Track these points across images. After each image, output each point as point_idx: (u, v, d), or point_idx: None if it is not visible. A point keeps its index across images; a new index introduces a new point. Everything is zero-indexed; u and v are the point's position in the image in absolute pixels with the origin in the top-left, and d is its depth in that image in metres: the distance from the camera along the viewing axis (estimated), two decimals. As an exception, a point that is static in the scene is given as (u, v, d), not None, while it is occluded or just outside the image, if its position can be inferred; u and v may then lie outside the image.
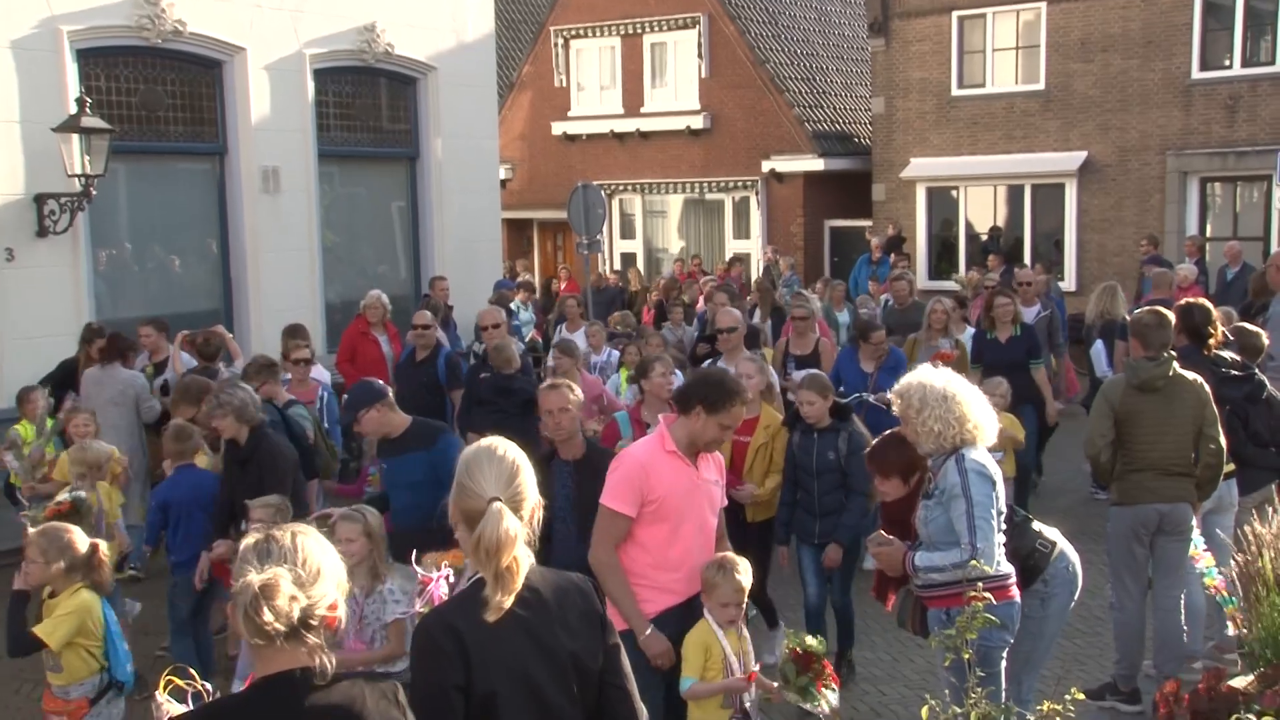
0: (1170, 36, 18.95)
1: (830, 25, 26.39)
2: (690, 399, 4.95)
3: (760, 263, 21.28)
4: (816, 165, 22.85)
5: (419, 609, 4.25)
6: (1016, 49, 20.78)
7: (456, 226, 15.01)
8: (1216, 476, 6.36)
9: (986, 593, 4.11)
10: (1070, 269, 20.14)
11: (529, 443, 3.60)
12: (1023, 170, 20.56)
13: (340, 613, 2.64)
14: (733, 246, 24.23)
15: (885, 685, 7.06)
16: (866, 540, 5.49)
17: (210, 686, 3.10)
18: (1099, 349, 11.50)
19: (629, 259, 25.22)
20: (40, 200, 10.99)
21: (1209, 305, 7.20)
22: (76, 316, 10.97)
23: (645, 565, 4.92)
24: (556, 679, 3.00)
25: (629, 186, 25.35)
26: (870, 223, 21.89)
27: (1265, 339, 7.48)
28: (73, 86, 11.20)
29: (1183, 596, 6.50)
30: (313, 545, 2.65)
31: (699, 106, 24.07)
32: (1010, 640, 4.89)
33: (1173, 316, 6.62)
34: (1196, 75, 18.86)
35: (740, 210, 24.43)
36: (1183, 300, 7.68)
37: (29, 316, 10.91)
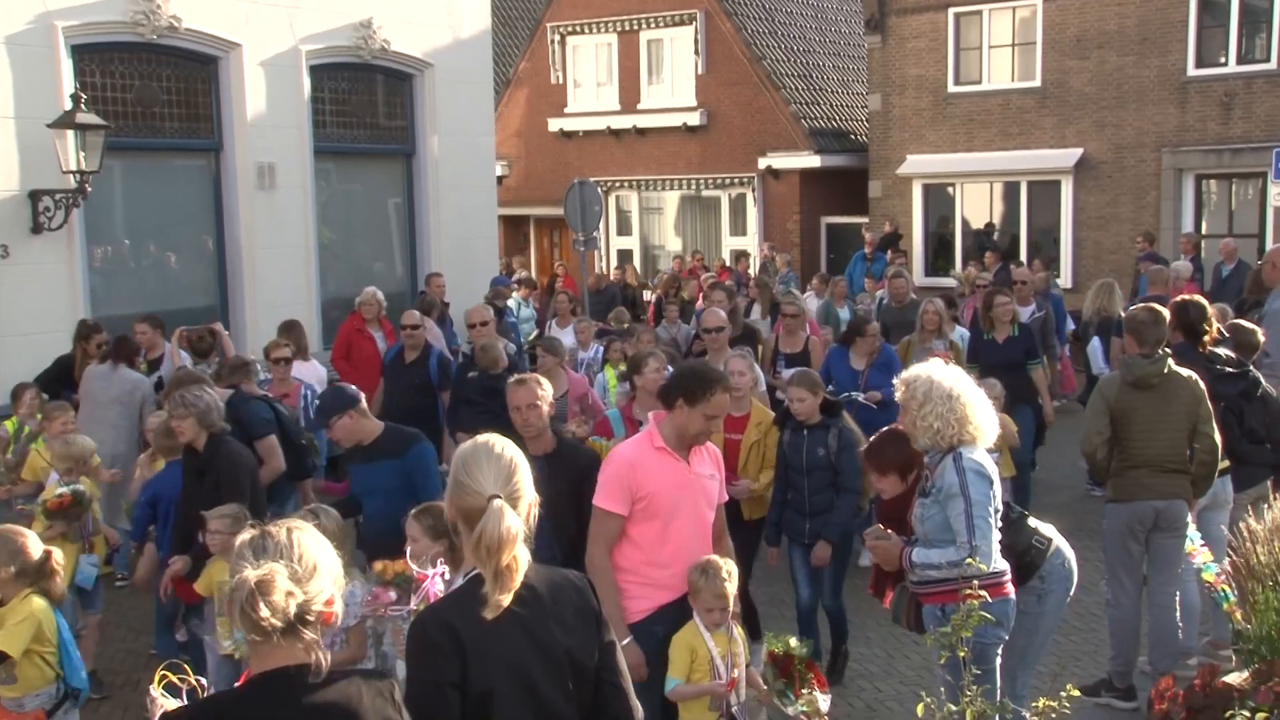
0: (1166, 33, 18.96)
1: (826, 22, 26.39)
2: (672, 394, 4.95)
3: (757, 260, 21.27)
4: (813, 162, 22.85)
5: (414, 606, 4.25)
6: (1013, 46, 20.79)
7: (453, 223, 14.98)
8: (1212, 473, 6.37)
9: (982, 590, 4.12)
10: (1066, 266, 20.15)
11: (518, 443, 3.59)
12: (1019, 167, 20.57)
13: (337, 608, 2.64)
14: (729, 243, 24.25)
15: (880, 682, 7.06)
16: (864, 534, 5.48)
17: (204, 682, 3.09)
18: (1096, 346, 11.51)
19: (626, 256, 25.23)
20: (35, 196, 10.96)
21: (1204, 302, 7.21)
22: (72, 313, 10.94)
23: (638, 562, 4.92)
24: (552, 676, 3.00)
25: (625, 183, 25.34)
26: (866, 219, 21.91)
27: (1261, 336, 7.49)
28: (68, 82, 11.15)
29: (1178, 593, 6.52)
30: (309, 541, 2.65)
31: (695, 103, 24.07)
32: (1005, 637, 4.89)
33: (1168, 313, 6.63)
34: (1192, 72, 18.88)
35: (737, 207, 24.43)
36: (1178, 297, 7.69)
37: (24, 313, 10.88)
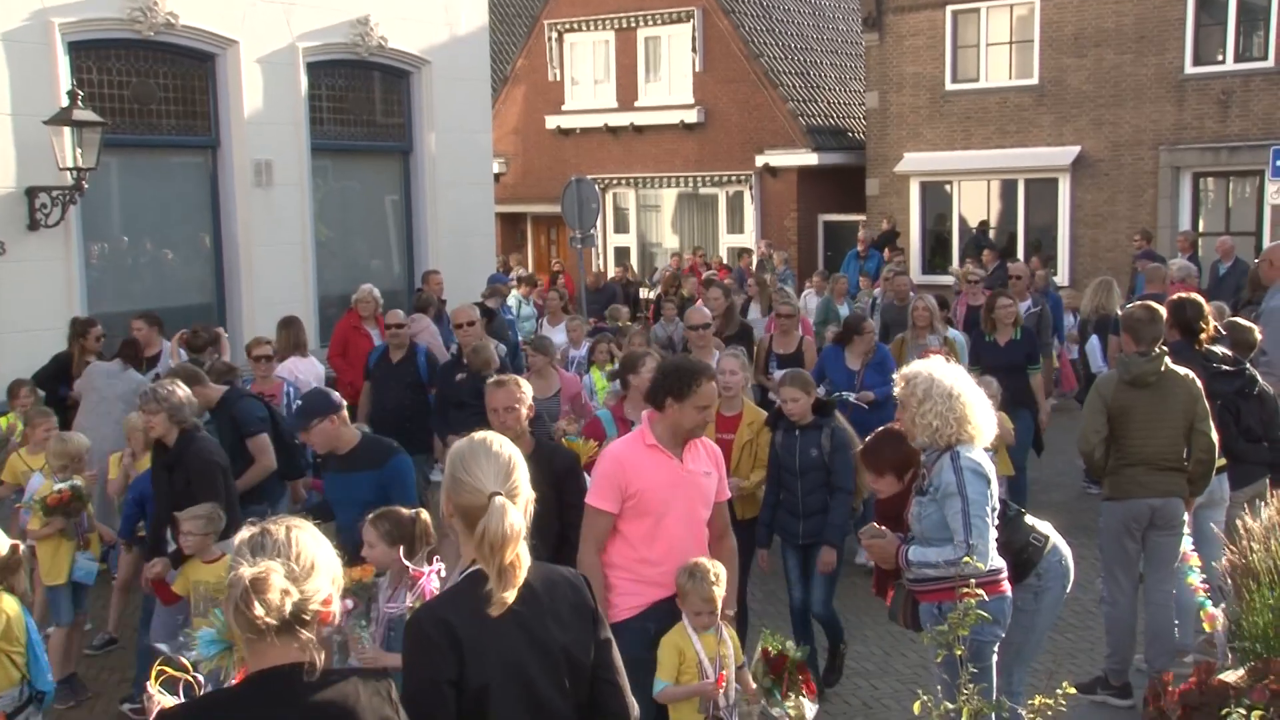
0: (1163, 31, 18.97)
1: (824, 19, 26.38)
2: (659, 394, 4.93)
3: (755, 257, 21.25)
4: (810, 160, 22.85)
5: (410, 604, 4.25)
6: (1010, 43, 20.79)
7: (450, 220, 14.97)
8: (1209, 472, 6.37)
9: (978, 588, 4.12)
10: (1063, 264, 20.16)
11: None
12: (1016, 165, 20.56)
13: (334, 608, 2.63)
14: (726, 241, 24.24)
15: (877, 680, 7.06)
16: (859, 532, 5.48)
17: (202, 678, 3.09)
18: (1095, 344, 11.50)
19: (623, 253, 25.23)
20: (32, 193, 10.95)
21: (1201, 300, 7.21)
22: (68, 310, 10.92)
23: (630, 559, 4.93)
24: (548, 672, 3.00)
25: (623, 180, 25.32)
26: (864, 217, 21.90)
27: (1258, 334, 7.50)
28: (64, 79, 11.14)
29: (1174, 591, 6.52)
30: (307, 539, 2.64)
31: (693, 101, 24.06)
32: (1002, 635, 4.90)
33: (1165, 311, 6.63)
34: (1189, 70, 18.88)
35: (734, 204, 24.42)
36: (1174, 295, 7.69)
37: (21, 310, 10.87)
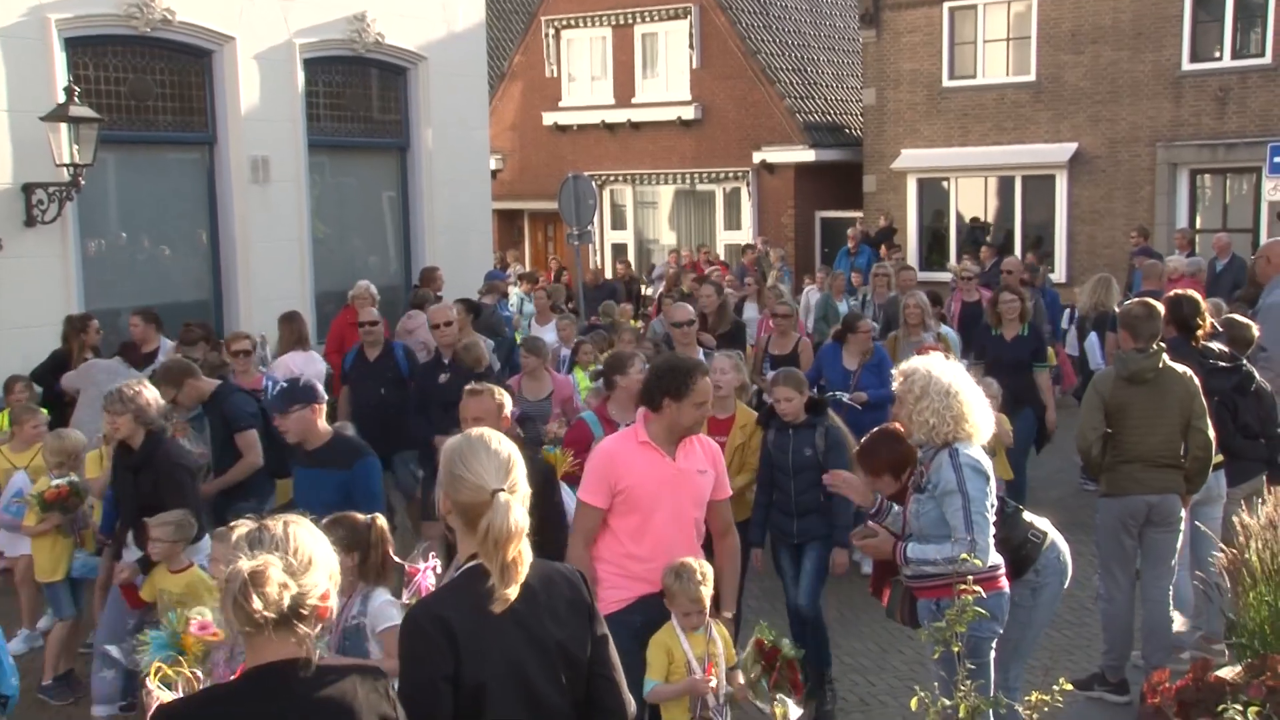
0: (1160, 28, 18.97)
1: (821, 16, 26.37)
2: (655, 395, 4.92)
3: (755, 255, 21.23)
4: (807, 156, 22.85)
5: (406, 601, 4.24)
6: (1007, 40, 20.80)
7: (447, 217, 14.96)
8: (1206, 468, 6.37)
9: (976, 585, 4.12)
10: (1060, 260, 20.17)
11: None
12: (1013, 161, 20.58)
13: (332, 603, 2.64)
14: (724, 238, 24.24)
15: (874, 676, 7.07)
16: (850, 535, 5.48)
17: (200, 674, 3.09)
18: (1093, 341, 11.48)
19: (620, 250, 25.22)
20: (28, 190, 10.92)
21: (1198, 297, 7.21)
22: (65, 306, 10.91)
23: (619, 554, 4.96)
24: (545, 669, 3.00)
25: (620, 177, 25.32)
26: (861, 214, 21.91)
27: (1255, 330, 7.51)
28: (61, 75, 11.12)
29: (1171, 588, 6.53)
30: (305, 535, 2.65)
31: (690, 97, 24.05)
32: (999, 631, 4.90)
33: (1162, 308, 6.63)
34: (1187, 67, 18.89)
35: (731, 201, 24.42)
36: (1173, 291, 7.69)
37: (18, 306, 10.85)
